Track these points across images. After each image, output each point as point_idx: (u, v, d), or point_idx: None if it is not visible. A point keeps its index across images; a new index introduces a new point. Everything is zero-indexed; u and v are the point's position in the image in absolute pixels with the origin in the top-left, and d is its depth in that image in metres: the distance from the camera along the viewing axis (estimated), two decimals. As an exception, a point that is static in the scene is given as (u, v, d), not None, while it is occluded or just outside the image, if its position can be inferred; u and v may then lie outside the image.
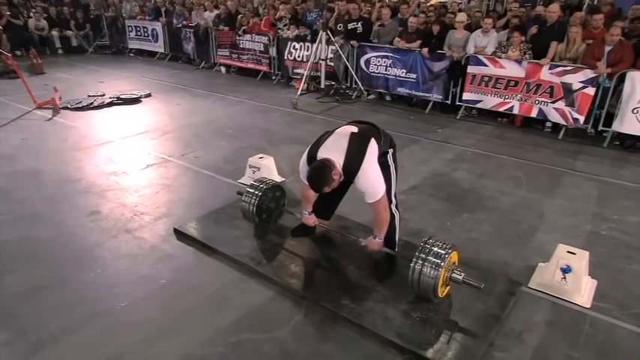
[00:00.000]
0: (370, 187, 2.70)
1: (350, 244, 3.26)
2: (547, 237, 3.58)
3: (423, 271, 2.57)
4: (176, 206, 3.99)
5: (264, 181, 3.46)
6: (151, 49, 12.20)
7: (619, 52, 5.63)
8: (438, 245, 2.63)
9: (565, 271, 2.84)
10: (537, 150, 5.69)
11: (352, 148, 2.70)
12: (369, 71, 7.98)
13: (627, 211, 4.04)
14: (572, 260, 2.84)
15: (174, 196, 4.20)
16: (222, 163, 5.00)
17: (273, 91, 8.77)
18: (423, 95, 7.46)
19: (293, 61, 9.04)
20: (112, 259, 3.18)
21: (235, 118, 6.81)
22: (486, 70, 6.64)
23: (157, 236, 3.50)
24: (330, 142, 2.79)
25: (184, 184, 4.46)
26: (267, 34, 9.32)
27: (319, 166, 2.68)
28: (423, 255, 2.60)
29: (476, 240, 3.54)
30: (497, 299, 2.76)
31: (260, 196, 3.35)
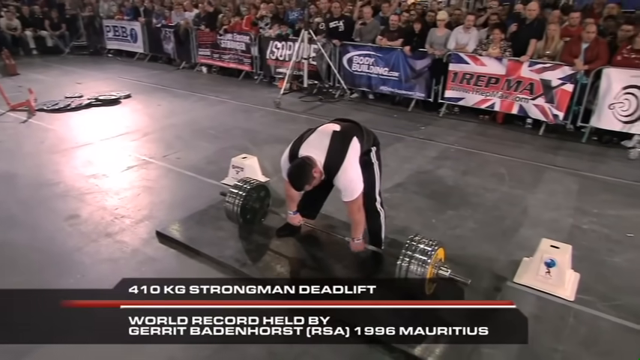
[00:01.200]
0: (348, 185, 2.69)
1: (336, 243, 3.24)
2: (530, 232, 3.63)
3: (410, 268, 2.57)
4: (158, 208, 3.92)
5: (248, 181, 3.42)
6: (130, 49, 11.97)
7: (595, 49, 5.74)
8: (424, 242, 2.63)
9: (549, 265, 2.88)
10: (519, 146, 5.76)
11: (334, 147, 2.69)
12: (352, 70, 7.98)
13: (607, 204, 4.12)
14: (556, 254, 2.88)
15: (156, 198, 4.12)
16: (204, 163, 4.93)
17: (255, 90, 8.70)
18: (406, 93, 7.49)
19: (275, 61, 8.99)
20: (92, 263, 3.09)
21: (217, 118, 6.73)
22: (468, 68, 6.70)
23: (139, 239, 3.42)
24: (311, 139, 2.77)
25: (166, 186, 4.38)
26: (248, 34, 9.24)
27: (300, 163, 2.65)
28: (410, 252, 2.60)
29: (461, 236, 3.56)
30: (484, 295, 2.77)
31: (244, 197, 3.31)
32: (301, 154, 2.71)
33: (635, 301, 2.83)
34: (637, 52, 5.54)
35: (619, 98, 5.65)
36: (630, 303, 2.81)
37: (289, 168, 2.70)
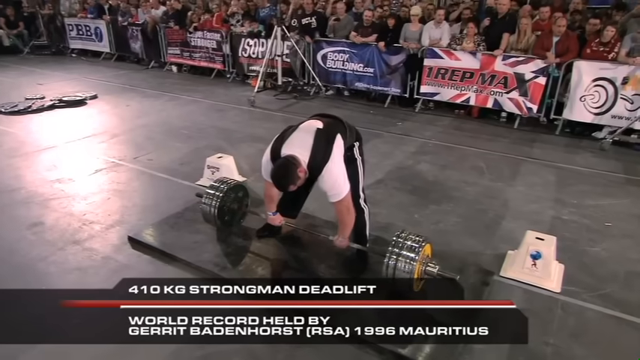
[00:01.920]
0: (333, 186, 2.59)
1: (319, 243, 3.14)
2: (513, 224, 3.62)
3: (397, 266, 2.49)
4: (130, 213, 3.72)
5: (225, 181, 3.27)
6: (95, 48, 11.53)
7: (565, 42, 5.84)
8: (410, 239, 2.56)
9: (535, 258, 2.86)
10: (495, 140, 5.80)
11: (318, 146, 2.58)
12: (327, 66, 7.89)
13: (584, 195, 4.17)
14: (541, 246, 2.86)
15: (127, 201, 3.92)
16: (177, 165, 4.74)
17: (228, 89, 8.50)
18: (381, 89, 7.45)
19: (248, 58, 8.81)
20: (59, 273, 2.89)
21: (190, 118, 6.52)
22: (442, 63, 6.72)
23: (110, 246, 3.23)
24: (294, 138, 2.66)
25: (138, 189, 4.18)
26: (219, 31, 9.02)
27: (284, 163, 2.54)
28: (397, 250, 2.52)
29: (445, 231, 3.52)
30: (471, 290, 2.72)
31: (221, 198, 3.17)
32: (284, 154, 2.59)
33: (619, 290, 2.84)
34: (605, 45, 5.66)
35: (589, 90, 5.76)
36: (614, 292, 2.82)
37: (273, 168, 2.57)
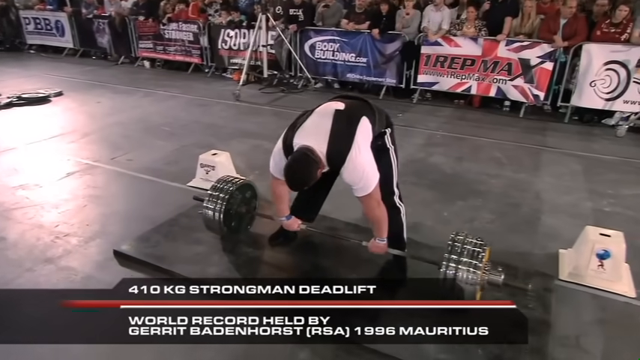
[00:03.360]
0: (360, 178, 2.14)
1: (344, 249, 2.70)
2: (553, 219, 3.27)
3: (458, 276, 2.06)
4: (111, 222, 3.17)
5: (230, 181, 2.77)
6: (56, 44, 10.64)
7: (574, 25, 5.57)
8: (470, 242, 2.13)
9: (602, 257, 2.48)
10: (504, 129, 5.48)
11: (337, 131, 2.13)
12: (315, 57, 7.42)
13: (618, 184, 3.86)
14: (609, 244, 2.48)
15: (108, 208, 3.36)
16: (163, 164, 4.18)
17: (208, 84, 7.92)
18: (376, 80, 7.04)
19: (228, 51, 8.24)
20: (29, 301, 2.33)
21: (170, 113, 5.93)
22: (441, 50, 6.36)
23: (92, 263, 2.69)
24: (308, 124, 2.20)
25: (119, 194, 3.62)
26: (196, 22, 8.42)
27: (298, 158, 2.08)
28: (455, 256, 2.09)
29: (481, 230, 3.11)
30: (536, 299, 2.32)
31: (228, 200, 2.66)
32: (297, 145, 2.14)
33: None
34: (616, 27, 5.41)
35: (600, 75, 5.51)
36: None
37: (286, 165, 2.11)
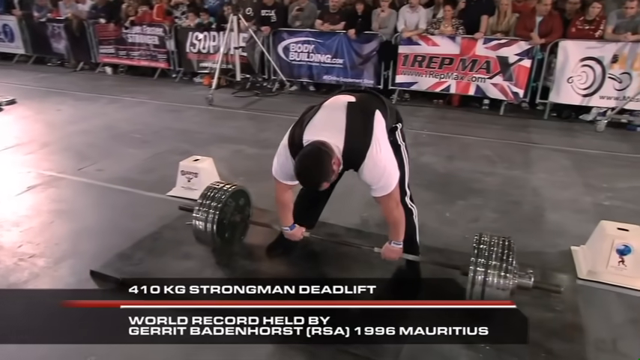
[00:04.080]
0: (381, 176, 1.94)
1: (350, 257, 2.49)
2: (557, 215, 3.18)
3: (487, 281, 1.88)
4: (84, 239, 2.83)
5: (222, 188, 2.50)
6: (4, 49, 9.87)
7: (549, 22, 5.61)
8: (497, 244, 1.96)
9: (622, 253, 2.38)
10: (487, 127, 5.43)
11: (353, 125, 1.93)
12: (289, 59, 7.20)
13: (611, 178, 3.83)
14: (630, 239, 2.38)
15: (78, 224, 3.01)
16: (137, 173, 3.85)
17: (177, 89, 7.55)
18: (353, 82, 6.88)
19: (197, 54, 7.89)
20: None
21: (139, 120, 5.56)
22: (419, 49, 6.28)
23: (64, 287, 2.35)
24: (318, 119, 1.98)
25: (90, 207, 3.28)
26: (161, 25, 8.02)
27: (313, 152, 1.85)
28: (483, 260, 1.91)
29: (488, 229, 2.92)
30: (563, 301, 2.17)
31: (221, 209, 2.40)
32: (307, 141, 1.91)
33: None
34: (590, 24, 5.48)
35: (577, 71, 5.56)
36: None
37: (299, 161, 1.87)
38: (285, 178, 2.08)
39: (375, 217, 3.17)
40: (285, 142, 2.04)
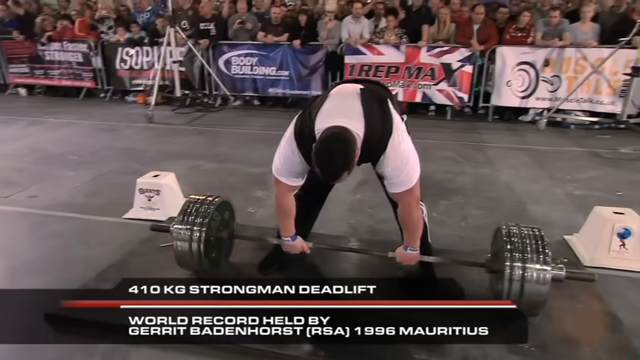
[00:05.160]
0: (403, 169, 1.73)
1: (355, 265, 2.24)
2: (538, 207, 3.18)
3: (526, 276, 1.71)
4: (25, 276, 2.30)
5: (206, 201, 2.13)
6: None
7: (486, 30, 5.86)
8: (528, 235, 1.81)
9: (623, 237, 2.35)
10: (441, 131, 5.47)
11: (372, 112, 1.70)
12: (232, 73, 6.85)
13: (570, 170, 3.95)
14: (629, 222, 2.36)
15: (14, 260, 2.47)
16: (81, 197, 3.30)
17: (108, 108, 6.87)
18: (300, 93, 6.69)
19: (129, 71, 7.27)
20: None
21: (72, 141, 4.89)
22: (365, 59, 6.26)
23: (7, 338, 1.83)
24: (330, 107, 1.73)
25: (27, 239, 2.72)
26: (86, 41, 7.31)
27: (336, 136, 1.59)
28: (519, 254, 1.74)
29: (479, 227, 2.87)
30: (586, 292, 2.07)
31: (208, 225, 2.03)
32: (320, 130, 1.64)
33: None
34: (521, 31, 5.79)
35: (514, 75, 5.83)
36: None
37: (318, 146, 1.59)
38: (290, 175, 1.79)
39: (363, 223, 2.97)
40: (291, 134, 1.75)
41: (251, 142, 4.90)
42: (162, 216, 2.82)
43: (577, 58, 5.62)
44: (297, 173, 1.79)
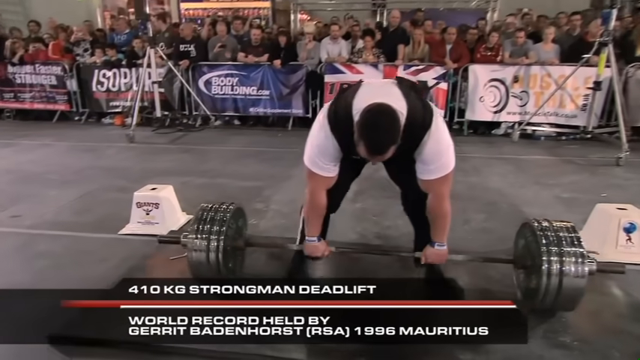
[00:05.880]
0: (443, 154, 1.66)
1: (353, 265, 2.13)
2: (534, 209, 3.13)
3: (564, 270, 1.63)
4: (17, 299, 2.00)
5: (220, 208, 1.95)
6: None
7: (458, 49, 5.99)
8: (561, 228, 1.74)
9: (629, 231, 2.34)
10: (421, 145, 5.47)
11: (410, 97, 1.62)
12: (212, 93, 6.67)
13: (552, 175, 4.03)
14: (633, 217, 2.35)
15: (5, 278, 2.16)
16: (69, 215, 3.03)
17: (85, 130, 6.53)
18: (282, 112, 6.59)
19: (107, 93, 6.95)
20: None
21: (51, 161, 4.56)
22: (344, 78, 6.23)
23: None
24: (367, 90, 1.64)
25: (16, 259, 2.42)
26: (60, 63, 6.96)
27: (383, 108, 1.51)
28: (555, 248, 1.67)
29: (484, 229, 2.84)
30: (618, 286, 2.02)
31: (225, 233, 1.85)
32: (360, 110, 1.53)
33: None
34: (491, 50, 5.96)
35: (486, 91, 5.96)
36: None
37: (363, 118, 1.49)
38: (325, 165, 1.67)
39: (370, 230, 2.85)
40: (323, 121, 1.66)
41: (239, 157, 4.73)
42: (163, 230, 2.60)
43: (542, 75, 5.83)
44: (333, 159, 1.69)
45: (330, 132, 1.63)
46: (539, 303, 1.69)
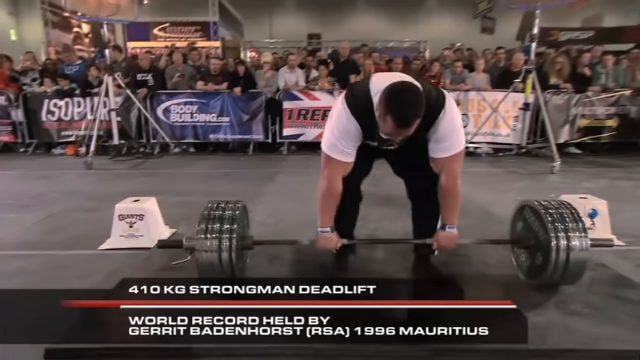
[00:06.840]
0: (457, 131, 1.71)
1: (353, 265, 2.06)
2: (501, 209, 3.25)
3: (571, 245, 1.66)
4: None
5: (228, 206, 1.79)
6: None
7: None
8: (562, 205, 1.79)
9: (592, 217, 2.49)
10: (381, 162, 5.55)
11: (423, 82, 1.66)
12: (171, 121, 6.38)
13: (500, 183, 4.26)
14: (594, 204, 2.51)
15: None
16: (36, 235, 2.67)
17: (33, 160, 5.91)
18: (242, 138, 6.43)
19: (58, 122, 6.39)
20: None
21: (3, 188, 4.02)
22: (302, 104, 6.28)
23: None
24: (381, 77, 1.69)
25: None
26: (4, 92, 6.33)
27: (406, 83, 1.53)
28: (560, 224, 1.70)
29: (470, 226, 2.83)
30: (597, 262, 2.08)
31: (237, 232, 1.69)
32: (378, 92, 1.54)
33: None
34: (433, 78, 6.30)
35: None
36: None
37: (388, 92, 1.49)
38: (347, 145, 1.63)
39: (358, 232, 2.76)
40: (342, 106, 1.64)
41: (208, 179, 4.50)
42: (148, 243, 2.35)
43: (478, 99, 6.25)
44: (353, 142, 1.67)
45: (350, 115, 1.61)
46: (548, 279, 1.69)
